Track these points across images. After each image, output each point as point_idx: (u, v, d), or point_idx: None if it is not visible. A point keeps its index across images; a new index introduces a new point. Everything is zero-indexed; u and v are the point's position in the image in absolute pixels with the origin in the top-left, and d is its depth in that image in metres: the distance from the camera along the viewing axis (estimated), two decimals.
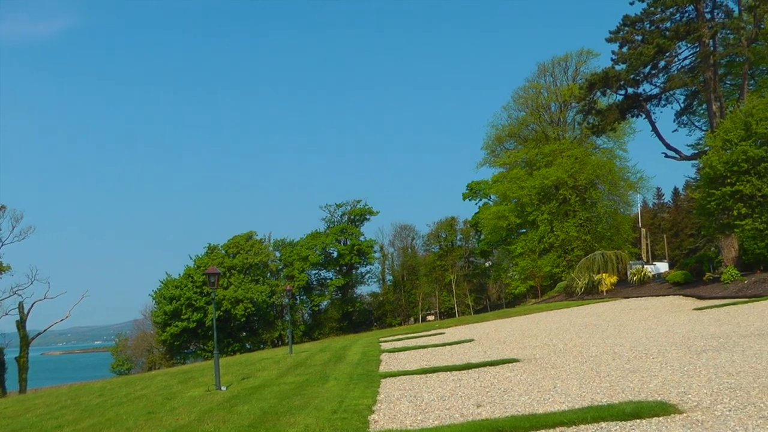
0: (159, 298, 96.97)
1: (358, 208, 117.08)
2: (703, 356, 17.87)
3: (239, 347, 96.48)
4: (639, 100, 61.49)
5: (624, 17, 57.93)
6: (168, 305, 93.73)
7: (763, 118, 43.66)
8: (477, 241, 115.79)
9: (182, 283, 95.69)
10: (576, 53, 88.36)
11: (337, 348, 38.41)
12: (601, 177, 79.47)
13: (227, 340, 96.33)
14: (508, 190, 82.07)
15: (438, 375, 20.19)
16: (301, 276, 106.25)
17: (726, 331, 23.01)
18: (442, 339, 35.33)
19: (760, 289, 36.84)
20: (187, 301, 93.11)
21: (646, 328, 27.40)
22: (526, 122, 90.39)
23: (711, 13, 57.14)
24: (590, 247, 73.74)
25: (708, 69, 56.14)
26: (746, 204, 43.45)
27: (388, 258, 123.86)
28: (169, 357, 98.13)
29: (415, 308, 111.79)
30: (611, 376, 16.43)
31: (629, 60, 57.41)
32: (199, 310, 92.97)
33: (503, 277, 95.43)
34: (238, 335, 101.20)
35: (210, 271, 24.43)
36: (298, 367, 27.85)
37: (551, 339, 27.82)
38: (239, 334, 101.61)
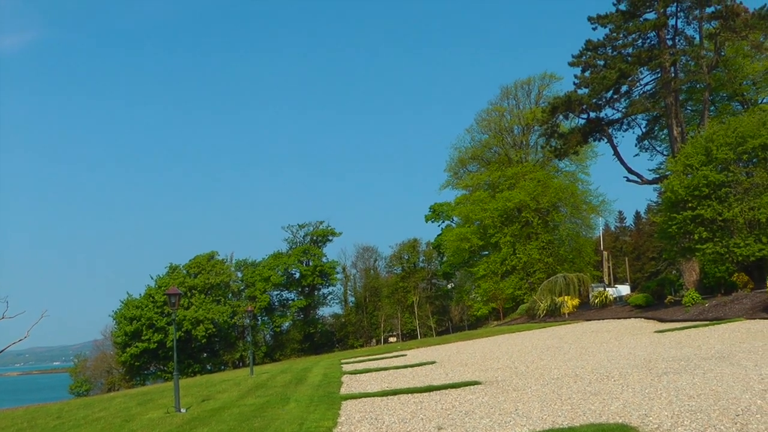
0: (119, 319, 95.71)
1: (320, 229, 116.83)
2: (664, 379, 17.94)
3: (200, 368, 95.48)
4: (601, 124, 61.91)
5: (587, 42, 58.34)
6: (128, 325, 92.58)
7: (723, 144, 44.13)
8: (439, 263, 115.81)
9: (143, 303, 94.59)
10: (539, 77, 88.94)
11: (298, 369, 38.24)
12: (564, 200, 79.88)
13: (188, 361, 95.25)
14: (471, 212, 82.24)
15: (399, 397, 20.11)
16: (263, 297, 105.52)
17: (687, 354, 23.14)
18: (403, 361, 35.26)
19: (720, 312, 37.15)
20: (148, 322, 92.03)
21: (608, 351, 27.50)
22: (489, 145, 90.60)
23: (672, 40, 57.71)
24: (552, 270, 73.97)
25: (669, 95, 56.64)
26: (707, 228, 43.82)
27: (351, 279, 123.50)
28: (129, 378, 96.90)
29: (377, 330, 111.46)
30: (572, 399, 16.43)
31: (591, 84, 57.75)
32: (160, 330, 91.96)
33: (465, 299, 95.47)
34: (199, 356, 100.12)
35: (170, 291, 24.25)
36: (259, 389, 27.68)
37: (513, 361, 27.83)
38: (200, 355, 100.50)
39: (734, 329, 30.10)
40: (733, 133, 44.64)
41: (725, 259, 43.78)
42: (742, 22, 52.72)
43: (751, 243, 42.53)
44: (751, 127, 44.77)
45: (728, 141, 44.31)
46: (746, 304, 36.93)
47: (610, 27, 57.47)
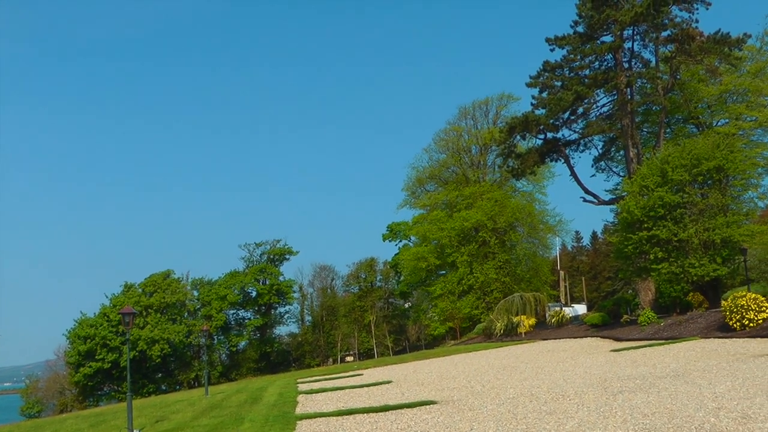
0: (73, 338, 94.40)
1: (277, 248, 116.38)
2: (620, 397, 18.06)
3: (154, 389, 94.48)
4: (558, 145, 62.33)
5: (544, 63, 58.78)
6: (82, 345, 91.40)
7: (679, 166, 44.66)
8: (397, 282, 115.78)
9: (97, 322, 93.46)
10: (497, 97, 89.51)
11: (253, 389, 38.02)
12: (521, 220, 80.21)
13: (142, 381, 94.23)
14: (428, 231, 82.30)
15: (355, 417, 20.08)
16: (219, 316, 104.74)
17: (642, 373, 23.31)
18: (360, 380, 35.17)
19: (675, 331, 37.48)
20: (102, 341, 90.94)
21: (564, 370, 27.61)
22: (447, 164, 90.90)
23: (629, 63, 58.31)
24: (509, 289, 74.13)
25: (625, 116, 57.17)
26: (662, 248, 44.26)
27: (308, 298, 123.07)
28: (82, 399, 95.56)
29: (334, 349, 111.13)
30: (528, 418, 16.50)
31: (549, 105, 58.14)
32: (115, 350, 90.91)
33: (422, 318, 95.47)
34: (154, 376, 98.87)
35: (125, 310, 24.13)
36: (214, 409, 27.51)
37: (469, 381, 27.85)
38: (155, 375, 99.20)
39: (689, 348, 30.38)
40: (688, 155, 45.18)
41: (680, 279, 44.25)
42: (698, 47, 53.39)
43: (706, 263, 43.03)
44: (706, 150, 45.34)
45: (683, 163, 44.83)
46: (701, 324, 37.31)
47: (567, 48, 57.99)
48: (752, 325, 32.51)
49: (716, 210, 44.52)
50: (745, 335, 31.47)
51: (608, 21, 55.25)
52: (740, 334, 32.08)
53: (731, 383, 18.25)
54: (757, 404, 14.83)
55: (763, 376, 18.91)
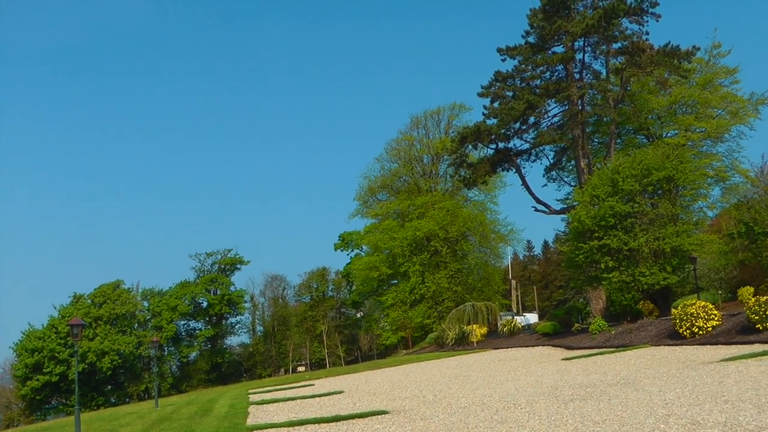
0: (20, 351, 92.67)
1: (228, 257, 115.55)
2: (571, 405, 18.05)
3: (104, 401, 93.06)
4: (509, 155, 62.56)
5: (496, 73, 58.98)
6: (30, 358, 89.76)
7: (629, 176, 44.99)
8: (348, 291, 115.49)
9: (45, 334, 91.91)
10: (448, 107, 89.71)
11: (204, 401, 37.66)
12: (473, 229, 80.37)
13: (91, 394, 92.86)
14: (380, 241, 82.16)
15: (306, 427, 19.92)
16: (170, 326, 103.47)
17: (593, 381, 23.36)
18: (311, 390, 34.99)
19: (626, 339, 37.67)
20: (50, 354, 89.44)
21: (515, 379, 27.60)
22: (399, 174, 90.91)
23: (580, 74, 58.74)
24: (461, 299, 74.24)
25: (576, 127, 57.53)
26: (613, 257, 44.54)
27: (259, 308, 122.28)
28: (29, 413, 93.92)
29: (285, 359, 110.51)
30: (479, 428, 16.43)
31: (500, 115, 58.30)
32: (63, 362, 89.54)
33: (374, 328, 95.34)
34: (103, 389, 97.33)
35: (73, 322, 23.79)
36: (164, 422, 27.19)
37: (421, 390, 27.76)
38: (104, 387, 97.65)
39: (640, 356, 30.53)
40: (639, 166, 45.55)
41: (631, 288, 44.55)
42: (648, 59, 53.89)
43: (656, 272, 43.36)
44: (656, 160, 45.74)
45: (634, 173, 45.18)
46: (651, 331, 37.52)
47: (518, 59, 58.26)
48: (702, 332, 32.77)
49: (666, 219, 44.90)
50: (695, 343, 31.72)
51: (559, 32, 55.62)
52: (690, 341, 32.33)
53: (681, 390, 18.33)
54: (706, 411, 14.89)
55: (712, 382, 19.02)
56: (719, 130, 61.35)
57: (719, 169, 62.95)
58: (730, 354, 25.88)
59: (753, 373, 19.83)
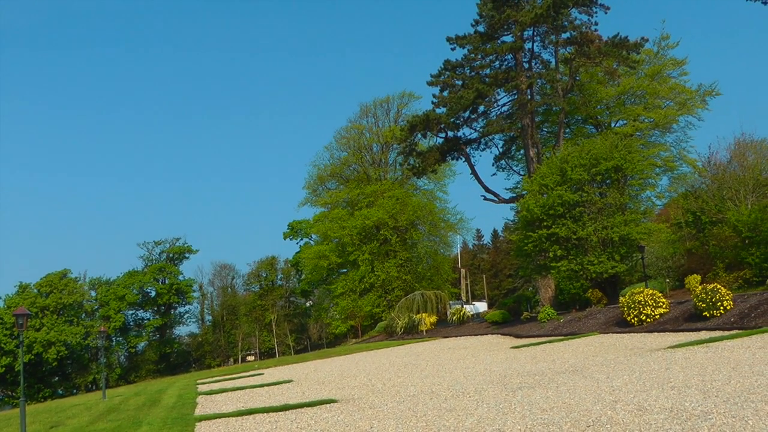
0: None
1: (177, 246, 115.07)
2: (519, 393, 18.04)
3: (51, 393, 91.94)
4: (459, 144, 62.59)
5: (445, 62, 58.98)
6: None
7: (578, 165, 45.15)
8: (298, 280, 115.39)
9: None
10: (398, 95, 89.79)
11: (152, 391, 37.33)
12: (422, 218, 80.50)
13: (38, 386, 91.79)
14: (330, 229, 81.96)
15: (254, 417, 19.77)
16: (118, 316, 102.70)
17: (541, 369, 23.41)
18: (260, 380, 34.83)
19: (575, 327, 37.84)
20: None
21: (464, 367, 27.59)
22: (348, 162, 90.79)
23: (529, 63, 58.90)
24: (410, 287, 74.35)
25: (525, 116, 57.68)
26: (562, 246, 44.72)
27: (208, 297, 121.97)
28: None
29: (234, 349, 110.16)
30: (428, 416, 16.37)
31: (449, 104, 58.33)
32: (9, 354, 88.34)
33: (324, 317, 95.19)
34: (50, 380, 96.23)
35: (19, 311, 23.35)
36: (111, 413, 26.86)
37: (370, 379, 27.70)
38: (51, 379, 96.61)
39: (588, 343, 30.66)
40: (587, 155, 45.72)
41: (580, 276, 44.79)
42: (596, 49, 54.14)
43: (605, 260, 43.58)
44: (604, 150, 45.95)
45: (582, 162, 45.34)
46: (600, 319, 37.73)
47: (468, 48, 58.24)
48: (649, 320, 33.00)
49: (615, 209, 45.14)
50: (643, 330, 31.92)
51: (509, 21, 55.69)
52: (638, 329, 32.53)
53: (628, 377, 18.41)
54: (653, 396, 14.94)
55: (659, 369, 19.11)
56: (667, 120, 61.89)
57: (667, 158, 63.59)
58: (677, 341, 26.06)
59: (699, 360, 19.96)
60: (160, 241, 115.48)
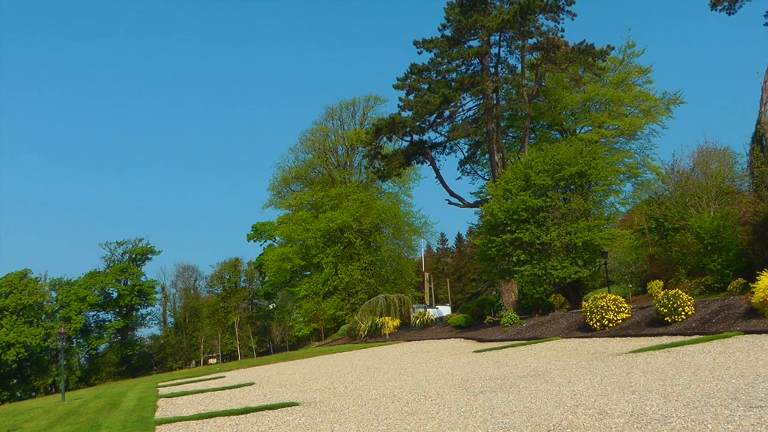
0: None
1: (140, 247, 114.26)
2: (481, 397, 18.00)
3: (8, 396, 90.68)
4: (424, 147, 62.67)
5: (412, 65, 58.97)
6: None
7: (542, 171, 45.35)
8: (261, 283, 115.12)
9: None
10: (364, 98, 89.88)
11: (112, 394, 37.00)
12: (386, 221, 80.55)
13: None
14: (294, 232, 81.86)
15: (215, 420, 19.62)
16: (79, 318, 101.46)
17: (503, 373, 23.40)
18: (222, 383, 34.62)
19: (537, 332, 37.91)
20: None
21: (427, 371, 27.55)
22: (313, 165, 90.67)
23: (495, 68, 59.06)
24: (374, 291, 74.39)
25: (491, 121, 57.82)
26: (525, 251, 44.83)
27: (170, 299, 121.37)
28: None
29: (197, 351, 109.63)
30: (389, 419, 16.30)
31: (415, 107, 58.34)
32: None
33: (287, 319, 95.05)
34: (8, 383, 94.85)
35: None
36: (70, 416, 26.55)
37: (332, 382, 27.61)
38: (9, 381, 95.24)
39: (550, 348, 30.73)
40: (551, 161, 45.92)
41: (543, 281, 44.94)
42: (562, 55, 54.46)
43: (568, 265, 43.77)
44: (569, 156, 46.17)
45: (546, 168, 45.52)
46: (562, 324, 37.83)
47: (435, 52, 58.36)
48: (611, 325, 33.12)
49: (578, 214, 45.36)
50: (605, 335, 32.02)
51: (476, 26, 55.78)
52: (600, 333, 32.63)
53: (590, 381, 18.42)
54: (614, 401, 14.96)
55: (621, 373, 19.16)
56: (632, 128, 62.39)
57: (631, 165, 64.08)
58: (638, 346, 26.16)
59: (660, 364, 20.03)
60: (123, 241, 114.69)
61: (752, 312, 26.87)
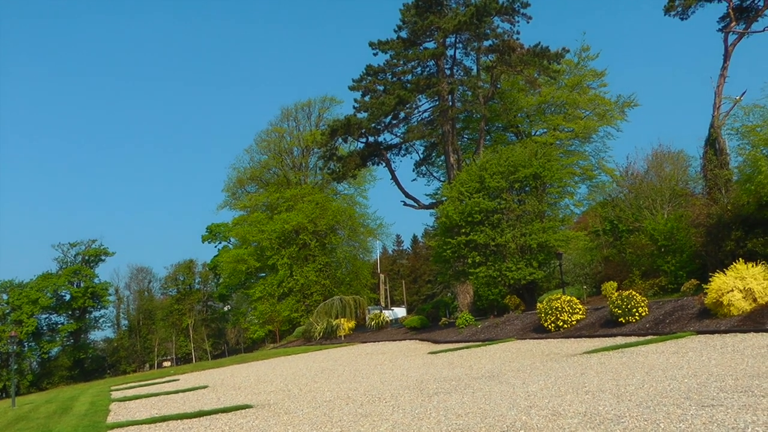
0: None
1: (93, 249, 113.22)
2: (435, 399, 17.97)
3: None
4: (380, 149, 62.63)
5: (367, 67, 58.88)
6: None
7: (496, 173, 45.47)
8: (216, 284, 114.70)
9: None
10: (319, 99, 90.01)
11: (64, 398, 36.59)
12: (342, 223, 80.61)
13: None
14: (248, 233, 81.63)
15: (168, 424, 19.44)
16: (30, 321, 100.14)
17: (458, 374, 23.38)
18: (175, 386, 34.41)
19: (492, 333, 37.95)
20: None
21: (381, 373, 27.51)
22: (269, 166, 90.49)
23: (451, 70, 59.15)
24: (329, 292, 74.37)
25: (446, 123, 57.88)
26: (480, 253, 44.91)
27: (124, 301, 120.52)
28: None
29: (150, 354, 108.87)
30: (343, 421, 16.22)
31: (371, 109, 58.26)
32: None
33: (242, 321, 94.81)
34: None
35: None
36: (20, 422, 26.19)
37: (287, 384, 27.51)
38: None
39: (505, 349, 30.77)
40: (506, 162, 46.06)
41: (498, 283, 45.00)
42: (518, 58, 54.63)
43: (523, 267, 43.91)
44: (523, 158, 46.35)
45: (501, 170, 45.65)
46: (517, 325, 37.92)
47: (390, 53, 58.32)
48: (566, 326, 33.25)
49: (533, 216, 45.51)
50: (560, 336, 32.13)
51: (431, 28, 55.81)
52: (555, 335, 32.74)
53: (544, 382, 18.44)
54: (567, 401, 14.97)
55: (574, 374, 19.19)
56: (587, 130, 62.78)
57: (586, 167, 64.48)
58: (593, 346, 26.27)
59: (614, 365, 20.11)
60: (76, 242, 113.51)
61: (705, 312, 27.13)
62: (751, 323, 24.36)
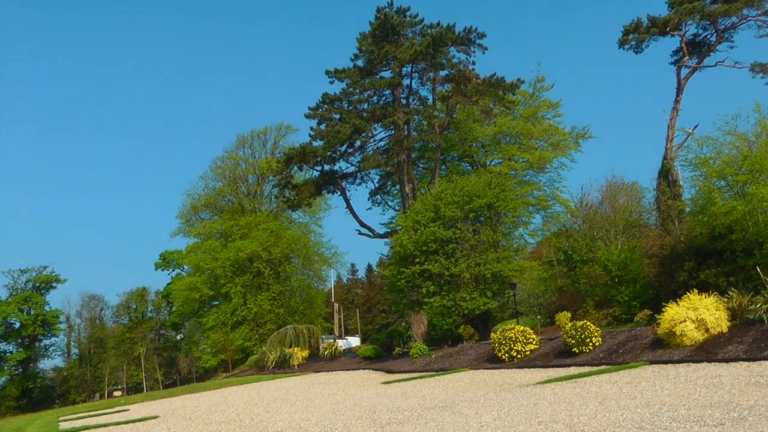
0: None
1: (44, 275, 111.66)
2: (387, 429, 17.87)
3: None
4: (335, 177, 62.52)
5: (323, 95, 58.82)
6: None
7: (451, 202, 45.56)
8: (168, 313, 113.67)
9: None
10: (275, 127, 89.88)
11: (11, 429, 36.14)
12: (296, 251, 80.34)
13: None
14: (202, 261, 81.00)
15: None
16: None
17: (411, 404, 23.27)
18: (125, 416, 34.07)
19: (446, 363, 37.88)
20: None
21: (334, 403, 27.37)
22: (223, 193, 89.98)
23: (407, 99, 59.27)
24: (283, 321, 73.95)
25: (402, 152, 57.95)
26: (435, 282, 44.86)
27: (75, 329, 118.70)
28: None
29: (101, 383, 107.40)
30: None
31: (327, 137, 58.12)
32: None
33: (194, 350, 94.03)
34: None
35: None
36: None
37: (239, 414, 27.30)
38: None
39: (459, 379, 30.72)
40: (460, 192, 46.18)
41: (452, 312, 44.95)
42: (473, 88, 54.85)
43: (477, 297, 43.92)
44: (478, 188, 46.49)
45: (455, 199, 45.76)
46: (471, 355, 37.89)
47: (347, 82, 58.33)
48: (520, 356, 33.25)
49: (487, 246, 45.60)
50: (513, 366, 32.12)
51: (388, 57, 55.92)
52: (509, 365, 32.73)
53: (497, 412, 18.35)
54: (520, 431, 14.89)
55: (528, 404, 19.13)
56: (541, 161, 63.08)
57: (540, 197, 64.75)
58: (546, 377, 26.26)
59: (567, 395, 20.07)
60: (27, 269, 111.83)
61: (658, 342, 27.25)
62: (704, 353, 24.49)
